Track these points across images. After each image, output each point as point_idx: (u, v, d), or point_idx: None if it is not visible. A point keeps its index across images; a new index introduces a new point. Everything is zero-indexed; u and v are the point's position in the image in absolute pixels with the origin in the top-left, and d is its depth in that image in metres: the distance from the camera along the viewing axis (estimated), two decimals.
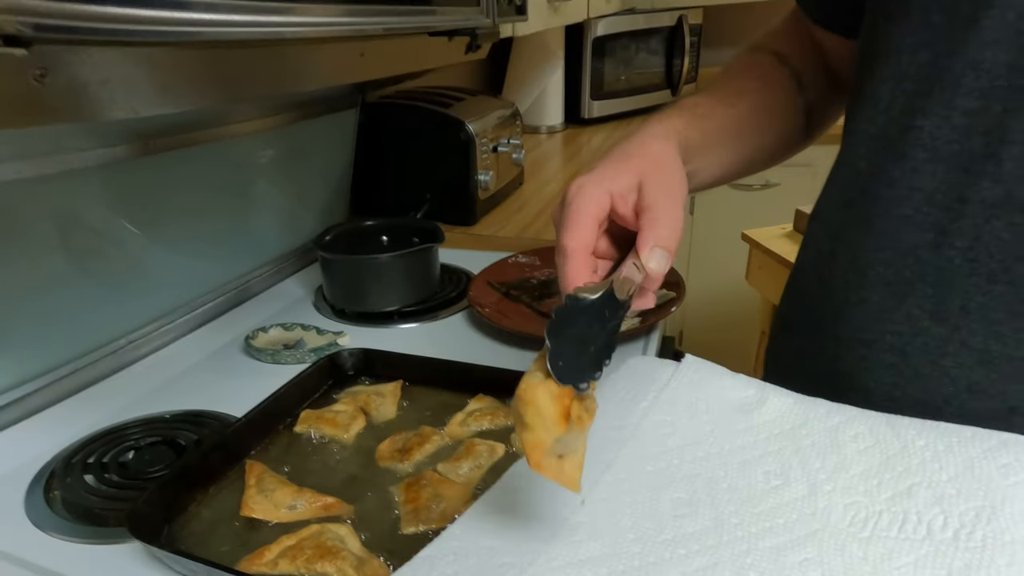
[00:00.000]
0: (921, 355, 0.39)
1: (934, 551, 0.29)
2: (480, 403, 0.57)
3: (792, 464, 0.35)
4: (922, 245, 0.38)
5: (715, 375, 0.41)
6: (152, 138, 0.63)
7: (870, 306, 0.41)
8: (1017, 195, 0.35)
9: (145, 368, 0.67)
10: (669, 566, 0.30)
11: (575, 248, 0.37)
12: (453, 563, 0.30)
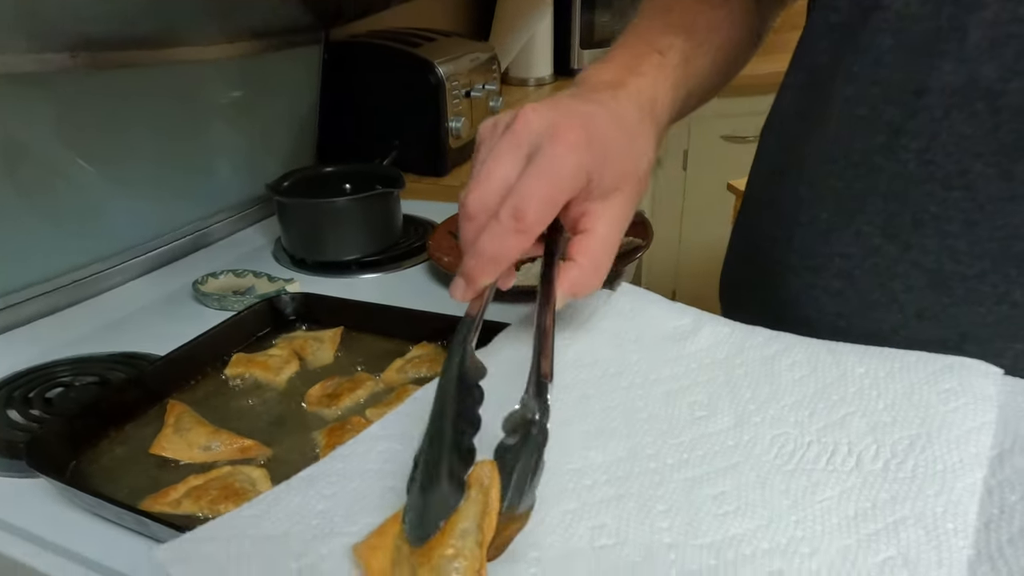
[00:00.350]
0: (870, 279, 0.36)
1: (861, 483, 0.27)
2: (422, 350, 0.55)
3: (721, 395, 0.32)
4: (876, 150, 0.35)
5: (649, 303, 0.39)
6: (98, 49, 0.59)
7: (819, 225, 0.38)
8: (981, 76, 0.31)
9: (87, 309, 0.66)
10: (570, 497, 0.28)
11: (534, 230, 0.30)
12: (334, 484, 0.28)
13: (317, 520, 0.26)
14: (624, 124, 0.36)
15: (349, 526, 0.26)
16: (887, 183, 0.35)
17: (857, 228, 0.36)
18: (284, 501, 0.27)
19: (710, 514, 0.27)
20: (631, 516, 0.27)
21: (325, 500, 0.27)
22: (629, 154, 0.35)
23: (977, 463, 0.26)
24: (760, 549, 0.25)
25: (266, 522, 0.26)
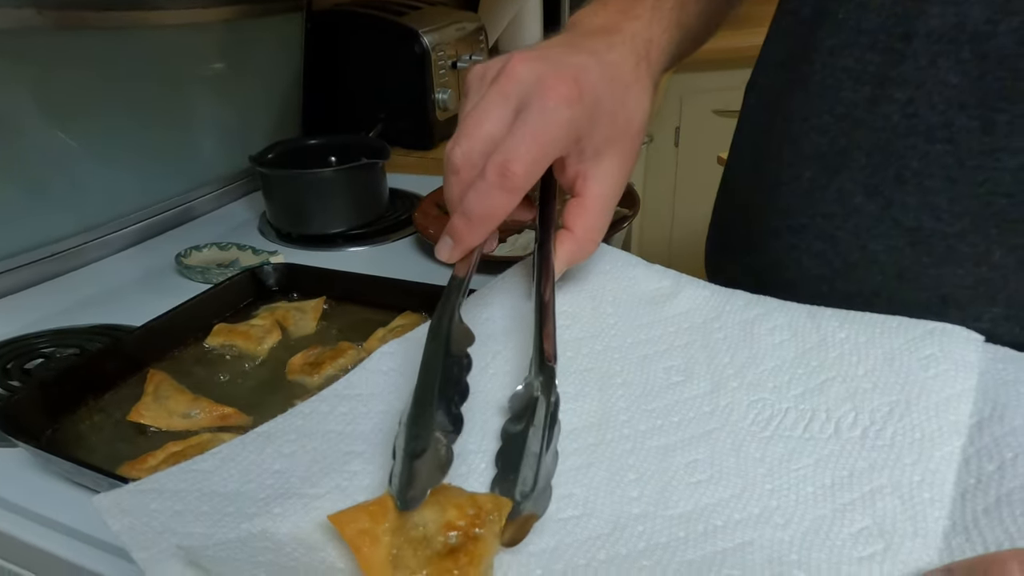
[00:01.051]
0: (851, 239, 0.35)
1: (839, 450, 0.26)
2: (405, 319, 0.54)
3: (698, 359, 0.31)
4: (859, 103, 0.34)
5: (628, 265, 0.37)
6: (69, 7, 0.57)
7: (802, 183, 0.37)
8: (969, 19, 0.30)
9: (68, 282, 0.65)
10: None
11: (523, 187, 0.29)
12: (293, 442, 0.27)
13: (272, 480, 0.25)
14: (618, 76, 0.34)
15: (308, 487, 0.25)
16: (870, 137, 0.34)
17: (839, 186, 0.35)
18: (239, 457, 0.26)
19: (682, 483, 0.26)
20: (600, 486, 0.26)
21: (283, 459, 0.26)
22: (622, 109, 0.34)
23: (956, 431, 0.25)
24: (732, 520, 0.24)
25: (217, 478, 0.25)
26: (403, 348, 0.33)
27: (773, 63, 0.40)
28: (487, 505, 0.24)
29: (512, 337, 0.34)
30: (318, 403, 0.29)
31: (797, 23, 0.38)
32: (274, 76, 0.89)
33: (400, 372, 0.31)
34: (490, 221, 0.31)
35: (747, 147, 0.43)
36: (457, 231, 0.31)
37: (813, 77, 0.36)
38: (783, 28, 0.40)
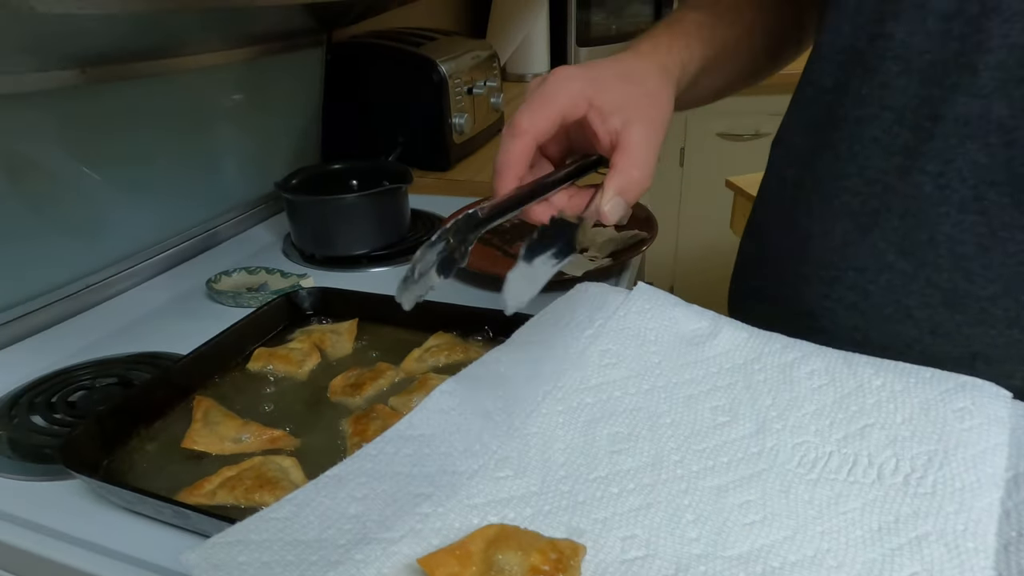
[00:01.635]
0: (885, 294, 0.36)
1: (883, 496, 0.27)
2: (438, 340, 0.55)
3: (742, 400, 0.32)
4: (891, 170, 0.35)
5: (667, 304, 0.39)
6: (93, 65, 0.60)
7: (834, 239, 0.38)
8: (994, 112, 0.32)
9: (103, 312, 0.66)
10: (599, 505, 0.28)
11: (526, 130, 0.34)
12: (364, 485, 0.27)
13: (349, 524, 0.26)
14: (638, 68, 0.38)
15: (384, 532, 0.25)
16: (902, 202, 0.35)
17: (872, 243, 0.36)
18: (314, 503, 0.26)
19: (738, 524, 0.27)
20: (660, 526, 0.27)
21: (356, 503, 0.27)
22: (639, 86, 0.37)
23: (993, 484, 0.26)
24: (788, 561, 0.25)
25: (297, 526, 0.25)
26: (460, 387, 0.33)
27: (800, 125, 0.42)
28: (567, 550, 0.25)
29: (560, 378, 0.34)
30: (383, 444, 0.30)
31: (821, 92, 0.39)
32: (295, 105, 0.91)
33: (460, 411, 0.32)
34: (506, 167, 0.35)
35: (775, 199, 0.44)
36: (493, 185, 0.36)
37: (842, 144, 0.37)
38: (807, 96, 0.41)
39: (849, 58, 0.37)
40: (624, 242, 0.71)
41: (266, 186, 0.88)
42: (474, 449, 0.30)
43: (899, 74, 0.34)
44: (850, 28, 0.37)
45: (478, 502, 0.28)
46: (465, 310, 0.57)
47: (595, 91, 0.35)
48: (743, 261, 0.49)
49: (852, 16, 0.36)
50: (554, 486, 0.29)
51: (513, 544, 0.24)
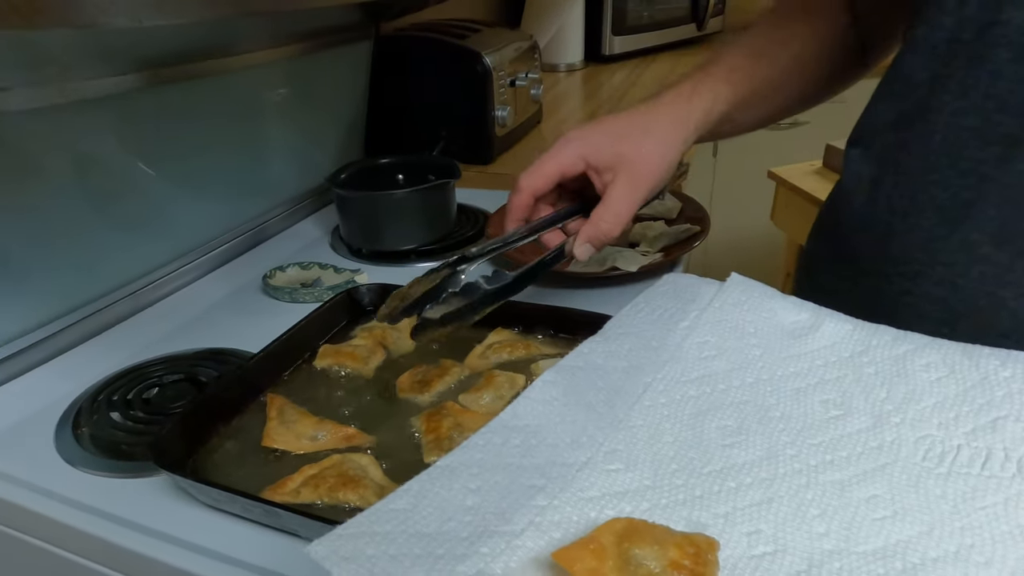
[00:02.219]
0: (977, 285, 0.36)
1: None
2: (499, 336, 0.55)
3: (854, 393, 0.32)
4: (988, 160, 0.35)
5: (764, 296, 0.38)
6: (159, 66, 0.61)
7: (918, 235, 0.38)
8: None
9: (165, 308, 0.67)
10: (718, 500, 0.27)
11: (524, 188, 0.46)
12: (477, 476, 0.27)
13: (469, 517, 0.25)
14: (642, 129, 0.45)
15: (504, 525, 0.25)
16: (1000, 192, 0.35)
17: (963, 236, 0.36)
18: (431, 494, 0.26)
19: (867, 519, 0.26)
20: (786, 521, 0.26)
21: (472, 494, 0.26)
22: (634, 149, 0.45)
23: None
24: (928, 557, 0.24)
25: (418, 516, 0.25)
26: (561, 377, 0.33)
27: (883, 123, 0.41)
28: (703, 544, 0.24)
29: (660, 370, 0.34)
30: (490, 435, 0.29)
31: (913, 87, 0.39)
32: (342, 99, 0.91)
33: (563, 402, 0.32)
34: (513, 211, 0.48)
35: (853, 198, 0.44)
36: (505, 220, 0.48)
37: (935, 136, 0.37)
38: (895, 91, 0.41)
39: (950, 49, 0.36)
40: (676, 236, 0.70)
41: (313, 180, 0.89)
42: (581, 441, 0.30)
43: (1010, 60, 0.34)
44: (953, 21, 0.36)
45: (593, 495, 0.27)
46: (523, 306, 0.57)
47: (590, 152, 0.45)
48: (809, 262, 0.49)
49: (955, 9, 0.36)
50: (668, 479, 0.28)
51: (647, 538, 0.24)
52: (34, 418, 0.51)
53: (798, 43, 0.48)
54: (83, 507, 0.43)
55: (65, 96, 0.54)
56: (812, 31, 0.49)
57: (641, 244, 0.70)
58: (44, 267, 0.58)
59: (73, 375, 0.56)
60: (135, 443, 0.48)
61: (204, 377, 0.55)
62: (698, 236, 0.69)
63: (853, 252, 0.43)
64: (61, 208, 0.58)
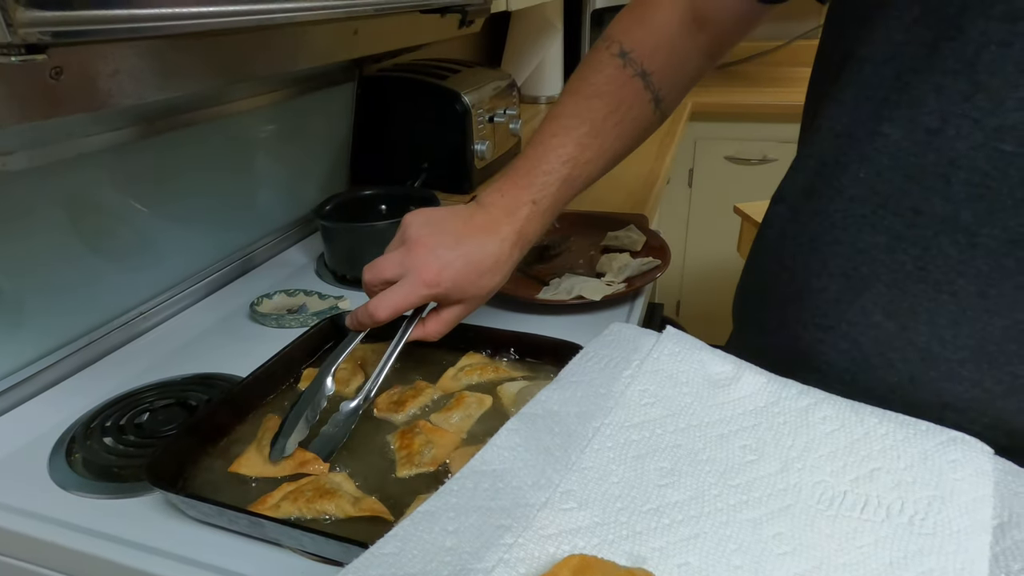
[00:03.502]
0: (873, 346, 0.41)
1: (892, 533, 0.30)
2: (471, 359, 0.59)
3: (766, 440, 0.36)
4: (878, 246, 0.40)
5: (694, 348, 0.42)
6: (156, 119, 0.65)
7: (828, 295, 0.42)
8: (962, 217, 0.36)
9: (156, 337, 0.70)
10: (655, 535, 0.31)
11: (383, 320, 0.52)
12: (454, 519, 0.30)
13: (449, 557, 0.28)
14: (479, 266, 0.52)
15: (477, 563, 0.28)
16: (887, 275, 0.39)
17: (862, 305, 0.41)
18: (414, 538, 0.29)
19: (773, 553, 0.30)
20: (710, 554, 0.30)
21: (450, 536, 0.30)
22: (472, 287, 0.53)
23: (983, 529, 0.30)
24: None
25: (404, 559, 0.28)
26: (523, 424, 0.37)
27: (800, 190, 0.46)
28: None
29: (607, 415, 0.38)
30: (463, 480, 0.33)
31: (821, 164, 0.44)
32: (327, 136, 0.96)
33: (525, 447, 0.35)
34: (370, 325, 0.53)
35: (776, 249, 0.48)
36: (359, 318, 0.54)
37: (837, 214, 0.41)
38: (808, 166, 0.45)
39: (847, 144, 0.41)
40: (639, 269, 0.75)
41: (299, 210, 0.93)
42: (541, 483, 0.33)
43: (889, 167, 0.39)
44: (849, 120, 0.41)
45: (551, 532, 0.31)
46: (494, 332, 0.61)
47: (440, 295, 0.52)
48: (745, 293, 0.53)
49: (851, 111, 0.41)
50: (614, 517, 0.32)
51: (598, 573, 0.27)
52: (27, 448, 0.53)
53: (608, 154, 0.56)
54: (76, 528, 0.45)
55: (65, 153, 0.57)
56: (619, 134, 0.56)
57: (607, 275, 0.75)
58: (37, 304, 0.60)
59: (66, 405, 0.58)
60: (127, 465, 0.50)
61: (194, 401, 0.58)
62: (659, 268, 0.74)
63: (778, 297, 0.47)
64: (55, 247, 0.60)
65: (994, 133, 0.35)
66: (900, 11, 0.38)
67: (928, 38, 0.36)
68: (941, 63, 0.36)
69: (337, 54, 0.71)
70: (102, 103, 0.44)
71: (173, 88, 0.48)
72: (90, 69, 0.45)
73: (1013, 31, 0.33)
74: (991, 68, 0.34)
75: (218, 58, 0.56)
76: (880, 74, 0.39)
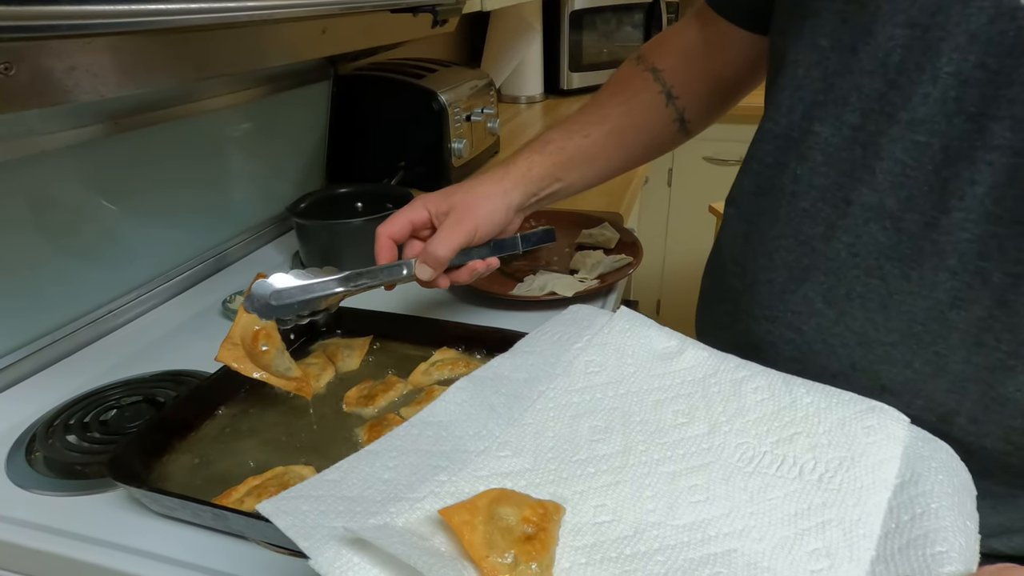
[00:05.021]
0: (815, 334, 0.44)
1: (801, 488, 0.34)
2: (443, 355, 0.60)
3: (698, 406, 0.39)
4: (816, 236, 0.43)
5: (644, 326, 0.45)
6: (123, 117, 0.64)
7: (774, 286, 0.46)
8: (887, 203, 0.40)
9: (126, 335, 0.69)
10: (578, 481, 0.34)
11: (380, 233, 0.55)
12: (395, 458, 0.33)
13: (384, 487, 0.31)
14: (479, 194, 0.56)
15: (410, 492, 0.31)
16: (824, 263, 0.43)
17: (804, 293, 0.44)
18: (356, 470, 0.32)
19: (686, 501, 0.33)
20: (625, 499, 0.33)
21: (389, 471, 0.33)
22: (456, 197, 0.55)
23: (885, 487, 0.33)
24: (722, 532, 0.32)
25: (344, 486, 0.31)
26: (471, 385, 0.40)
27: (748, 191, 0.50)
28: (551, 508, 0.31)
29: (553, 382, 0.41)
30: (410, 428, 0.36)
31: (764, 167, 0.47)
32: (302, 134, 0.95)
33: (471, 404, 0.38)
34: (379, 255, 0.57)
35: (729, 249, 0.52)
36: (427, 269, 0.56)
37: (780, 210, 0.45)
38: (753, 169, 0.49)
39: (785, 144, 0.45)
40: (611, 266, 0.76)
41: (275, 208, 0.92)
42: (481, 434, 0.36)
43: (822, 163, 0.42)
44: (786, 123, 0.45)
45: (483, 474, 0.34)
46: (467, 328, 0.61)
47: (429, 203, 0.55)
48: (704, 296, 0.57)
49: (787, 114, 0.45)
50: (543, 464, 0.35)
51: (511, 502, 0.30)
52: None
53: (611, 122, 0.59)
54: (34, 526, 0.44)
55: (27, 150, 0.57)
56: (625, 111, 0.60)
57: (580, 271, 0.75)
58: (2, 302, 0.59)
59: (29, 403, 0.57)
60: (91, 463, 0.49)
61: (162, 398, 0.57)
62: (631, 265, 0.75)
63: (731, 293, 0.51)
64: (19, 245, 0.59)
65: (908, 126, 0.38)
66: (824, 20, 0.42)
67: (848, 43, 0.40)
68: (859, 65, 0.40)
69: (303, 53, 0.71)
70: (57, 99, 0.44)
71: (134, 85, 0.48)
72: (44, 65, 0.44)
73: (912, 35, 0.37)
74: (899, 68, 0.38)
75: (180, 55, 0.56)
76: (810, 76, 0.43)
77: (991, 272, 0.37)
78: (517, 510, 0.30)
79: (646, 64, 0.61)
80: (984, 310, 0.38)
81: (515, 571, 0.28)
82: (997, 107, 0.35)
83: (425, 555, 0.27)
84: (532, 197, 0.58)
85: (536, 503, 0.31)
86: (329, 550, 0.27)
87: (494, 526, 0.29)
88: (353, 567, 0.26)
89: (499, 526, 0.29)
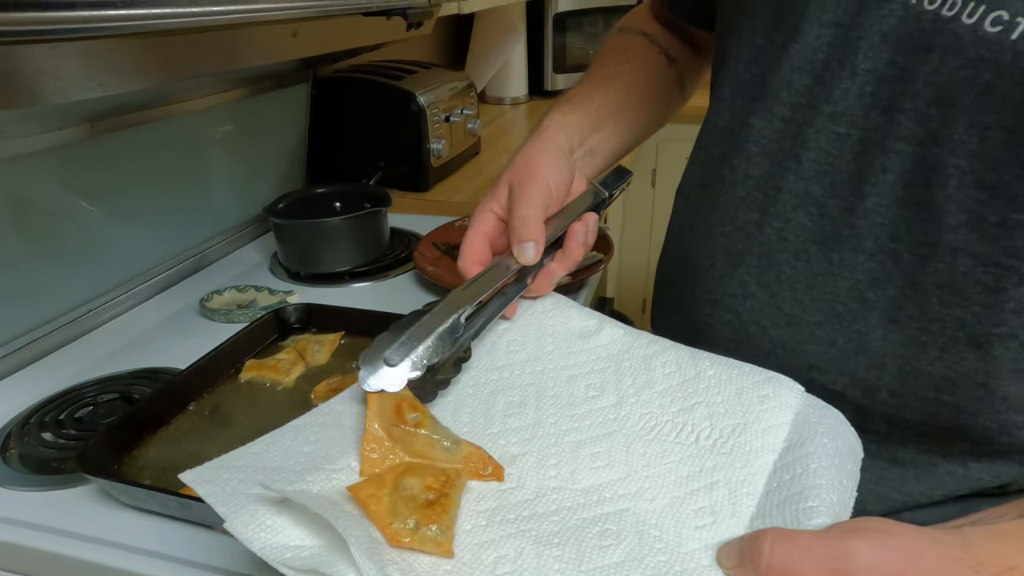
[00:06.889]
0: (750, 315, 0.46)
1: (695, 453, 0.35)
2: None
3: (609, 380, 0.41)
4: (751, 223, 0.45)
5: (566, 306, 0.47)
6: (100, 119, 0.65)
7: (714, 271, 0.48)
8: (812, 191, 0.42)
9: (103, 334, 0.70)
10: (489, 451, 0.36)
11: (463, 269, 0.46)
12: (317, 433, 0.35)
13: (304, 459, 0.33)
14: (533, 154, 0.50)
15: (328, 464, 0.33)
16: (758, 248, 0.45)
17: (740, 277, 0.46)
18: (279, 443, 0.34)
19: (587, 467, 0.35)
20: (529, 468, 0.35)
21: (310, 444, 0.34)
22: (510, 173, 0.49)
23: (772, 450, 0.35)
24: (617, 494, 0.34)
25: (265, 458, 0.33)
26: None
27: (695, 181, 0.53)
28: (452, 475, 0.33)
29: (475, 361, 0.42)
30: (334, 404, 0.37)
31: (709, 158, 0.50)
32: (282, 135, 0.96)
33: None
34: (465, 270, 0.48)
35: (677, 237, 0.55)
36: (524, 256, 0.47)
37: (720, 199, 0.48)
38: (699, 160, 0.52)
39: (727, 136, 0.48)
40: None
41: (254, 209, 0.93)
42: None
43: (757, 154, 0.45)
44: (728, 115, 0.48)
45: None
46: None
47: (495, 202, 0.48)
48: (658, 283, 0.59)
49: (728, 107, 0.48)
50: (496, 428, 0.37)
51: (416, 473, 0.33)
52: None
53: (625, 77, 0.60)
54: (10, 521, 0.45)
55: (0, 153, 0.57)
56: (632, 68, 0.61)
57: None
58: None
59: (6, 402, 0.57)
60: (65, 459, 0.50)
61: (138, 395, 0.58)
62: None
63: (679, 280, 0.53)
64: None
65: (830, 118, 0.41)
66: (758, 19, 0.45)
67: (780, 41, 0.43)
68: (788, 61, 0.42)
69: (275, 55, 0.72)
70: (25, 100, 0.44)
71: (104, 88, 0.49)
72: (7, 67, 0.45)
73: (836, 35, 0.40)
74: (824, 64, 0.41)
75: (149, 59, 0.56)
76: (749, 72, 0.46)
77: (901, 253, 0.39)
78: (420, 479, 0.32)
79: (635, 31, 0.63)
80: (897, 289, 0.40)
81: (416, 534, 0.29)
82: (904, 100, 0.38)
83: (336, 511, 0.28)
84: (578, 145, 0.54)
85: (439, 471, 0.33)
86: (245, 513, 0.28)
87: (399, 496, 0.31)
88: (266, 529, 0.28)
89: (403, 496, 0.31)
